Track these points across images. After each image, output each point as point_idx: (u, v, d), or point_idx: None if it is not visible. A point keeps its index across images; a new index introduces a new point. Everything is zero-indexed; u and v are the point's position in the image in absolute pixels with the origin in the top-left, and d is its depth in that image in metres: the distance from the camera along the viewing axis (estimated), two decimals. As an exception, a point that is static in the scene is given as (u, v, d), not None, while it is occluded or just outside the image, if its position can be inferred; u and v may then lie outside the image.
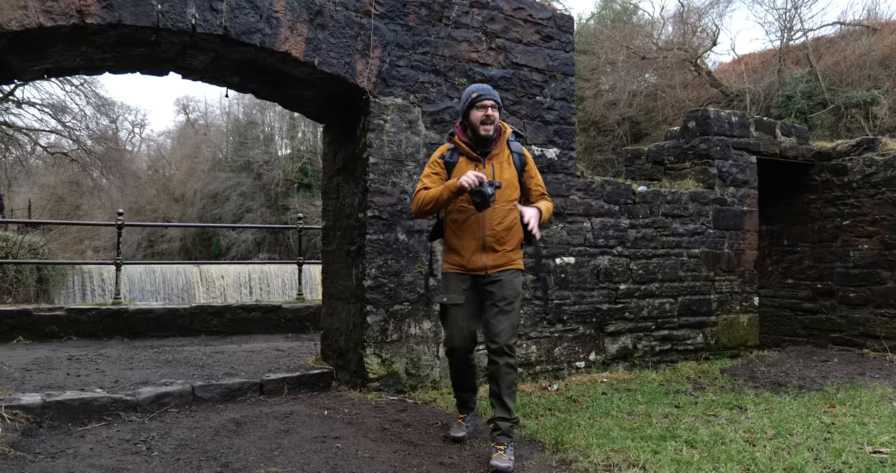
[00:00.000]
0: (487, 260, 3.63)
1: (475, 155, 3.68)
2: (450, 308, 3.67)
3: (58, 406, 3.98)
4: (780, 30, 21.33)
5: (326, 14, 4.70)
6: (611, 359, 5.95)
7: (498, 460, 3.29)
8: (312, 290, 14.09)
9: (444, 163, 3.73)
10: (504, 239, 3.65)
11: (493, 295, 3.61)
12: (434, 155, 3.82)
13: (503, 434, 3.45)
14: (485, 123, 3.62)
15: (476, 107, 3.64)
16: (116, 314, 7.14)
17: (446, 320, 3.72)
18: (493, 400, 3.57)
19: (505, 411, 3.51)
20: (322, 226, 5.77)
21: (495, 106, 3.65)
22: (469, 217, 3.61)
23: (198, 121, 44.99)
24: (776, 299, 8.22)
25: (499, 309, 3.58)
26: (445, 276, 3.73)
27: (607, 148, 23.16)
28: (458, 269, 3.67)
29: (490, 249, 3.63)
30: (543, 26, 5.66)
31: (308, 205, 28.29)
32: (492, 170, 3.68)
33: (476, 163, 3.68)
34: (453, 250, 3.69)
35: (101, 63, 4.71)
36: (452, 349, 3.72)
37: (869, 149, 7.41)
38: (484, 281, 3.63)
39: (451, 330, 3.69)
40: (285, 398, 4.68)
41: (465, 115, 3.72)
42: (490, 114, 3.62)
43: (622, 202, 6.12)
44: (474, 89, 3.70)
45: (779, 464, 3.35)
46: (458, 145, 3.73)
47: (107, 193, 28.67)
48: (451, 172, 3.69)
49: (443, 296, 3.71)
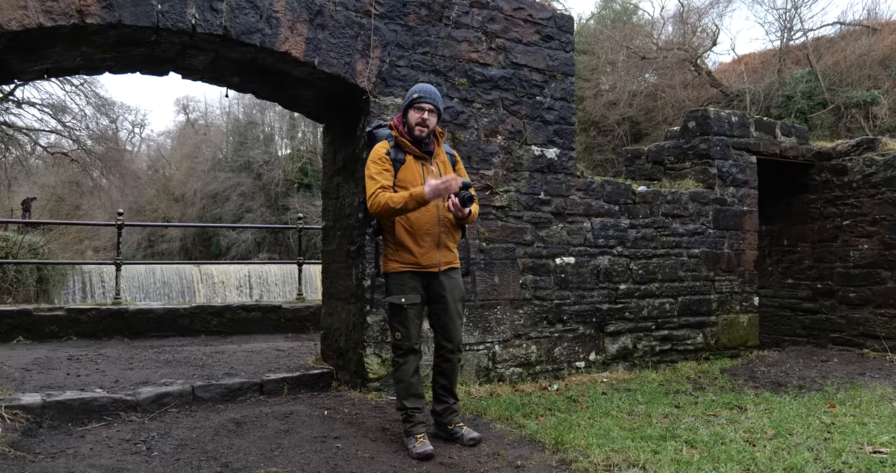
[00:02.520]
0: (441, 258, 3.68)
1: (421, 154, 3.73)
2: (407, 308, 3.63)
3: (58, 406, 3.98)
4: (780, 30, 21.34)
5: (326, 14, 4.70)
6: (611, 359, 5.95)
7: (469, 433, 3.72)
8: (312, 290, 14.09)
9: (390, 160, 3.69)
10: (454, 237, 3.77)
11: (445, 295, 3.70)
12: (377, 151, 3.73)
13: (457, 414, 3.86)
14: (420, 125, 3.68)
15: (415, 107, 3.70)
16: (116, 314, 7.14)
17: (402, 321, 3.65)
18: (443, 392, 3.80)
19: (456, 398, 3.86)
20: (322, 226, 5.77)
21: (433, 111, 3.70)
22: (424, 214, 3.62)
23: (198, 121, 45.01)
24: (776, 299, 8.22)
25: (452, 309, 3.71)
26: (396, 275, 3.68)
27: (607, 148, 23.15)
28: (412, 267, 3.65)
29: (444, 246, 3.70)
30: (543, 26, 5.66)
31: (308, 205, 28.29)
32: (438, 170, 3.76)
33: (423, 163, 3.74)
34: (404, 248, 3.65)
35: (101, 63, 4.71)
36: (411, 350, 3.68)
37: (869, 149, 7.41)
38: (433, 280, 3.68)
39: (409, 331, 3.65)
40: (285, 398, 4.68)
41: (404, 112, 3.77)
42: (426, 118, 3.68)
43: (622, 202, 6.12)
44: (417, 90, 3.74)
45: (779, 464, 3.34)
46: (404, 144, 3.72)
47: (107, 193, 28.68)
48: (397, 170, 3.67)
49: (399, 297, 3.63)
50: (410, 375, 3.70)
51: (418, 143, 3.73)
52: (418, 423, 3.66)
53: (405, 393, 3.70)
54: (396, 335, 3.69)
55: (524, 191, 5.47)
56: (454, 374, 3.82)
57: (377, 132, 3.89)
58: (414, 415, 3.66)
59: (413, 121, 3.70)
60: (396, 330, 3.68)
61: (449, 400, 3.81)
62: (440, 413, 3.82)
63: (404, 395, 3.70)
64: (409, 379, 3.70)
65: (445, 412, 3.81)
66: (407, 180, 3.66)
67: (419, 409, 3.70)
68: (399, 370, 3.72)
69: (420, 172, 3.71)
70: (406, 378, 3.70)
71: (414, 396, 3.70)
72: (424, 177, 3.68)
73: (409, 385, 3.70)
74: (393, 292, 3.68)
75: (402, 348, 3.69)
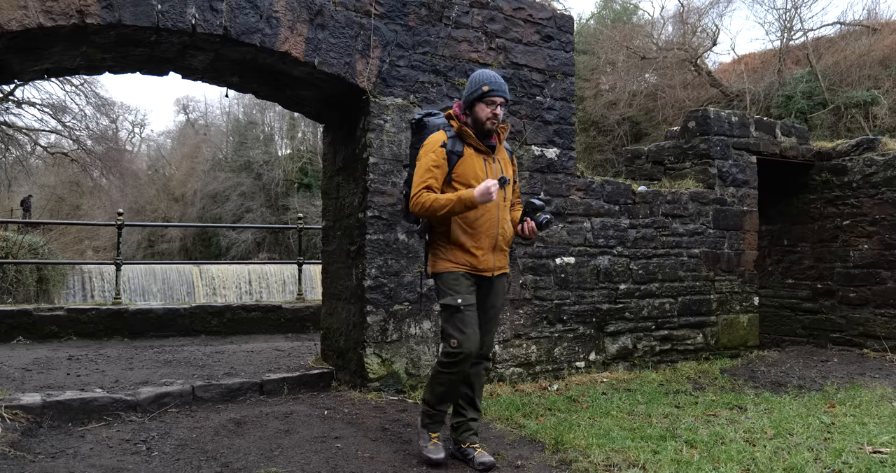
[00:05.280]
0: (496, 262, 3.42)
1: (484, 148, 3.40)
2: (464, 309, 3.28)
3: (58, 406, 3.98)
4: (780, 30, 21.37)
5: (326, 14, 4.70)
6: (611, 359, 5.95)
7: (482, 456, 3.33)
8: (312, 290, 14.08)
9: (445, 153, 3.33)
10: (509, 240, 3.49)
11: (487, 300, 3.44)
12: (434, 140, 3.36)
13: (475, 433, 3.46)
14: (492, 120, 3.36)
15: (485, 101, 3.34)
16: (116, 314, 7.14)
17: (459, 323, 3.26)
18: (464, 403, 3.45)
19: (478, 412, 3.51)
20: (322, 226, 5.77)
21: (504, 104, 3.39)
22: (484, 213, 3.34)
23: (198, 121, 45.04)
24: (776, 299, 8.22)
25: (490, 316, 3.46)
26: (450, 275, 3.34)
27: (607, 148, 23.15)
28: (468, 269, 3.34)
29: (500, 249, 3.43)
30: (543, 26, 5.66)
31: (308, 205, 28.29)
32: (500, 168, 3.45)
33: (485, 157, 3.40)
34: (462, 248, 3.33)
35: (101, 63, 4.71)
36: (465, 355, 3.25)
37: (869, 149, 7.41)
38: (483, 284, 3.41)
39: (465, 334, 3.25)
40: (285, 398, 4.68)
41: (469, 105, 3.39)
42: (498, 114, 3.36)
43: (622, 202, 6.12)
44: (485, 81, 3.35)
45: (779, 464, 3.34)
46: (465, 132, 3.36)
47: (107, 193, 28.71)
48: (454, 163, 3.32)
49: (455, 297, 3.28)
50: (455, 385, 3.36)
51: (482, 137, 3.40)
52: (438, 422, 3.43)
53: (441, 398, 3.39)
54: (452, 342, 3.25)
55: (524, 190, 5.46)
56: (480, 384, 3.50)
57: (429, 121, 3.50)
58: (438, 414, 3.42)
59: (483, 116, 3.34)
60: (451, 337, 3.25)
61: (468, 413, 3.45)
62: (455, 427, 3.48)
63: (440, 399, 3.39)
64: (452, 388, 3.36)
65: (461, 427, 3.45)
66: (466, 175, 3.33)
67: (445, 412, 3.46)
68: (445, 376, 3.32)
69: (483, 168, 3.38)
70: (451, 386, 3.35)
71: (446, 402, 3.44)
72: (487, 174, 3.37)
73: (448, 392, 3.38)
74: (447, 293, 3.32)
75: (455, 356, 3.25)
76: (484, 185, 3.16)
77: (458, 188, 3.31)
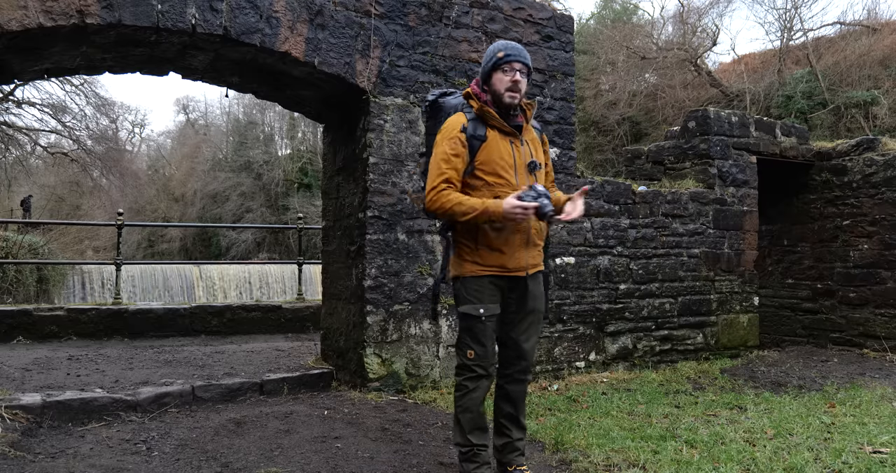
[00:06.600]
0: (529, 259, 2.99)
1: (509, 129, 2.97)
2: (485, 320, 2.92)
3: (58, 406, 3.98)
4: (780, 30, 21.38)
5: (326, 14, 4.70)
6: (611, 359, 5.95)
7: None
8: (312, 290, 14.08)
9: (466, 138, 2.91)
10: (543, 233, 3.08)
11: (525, 305, 3.01)
12: (452, 124, 2.94)
13: (521, 453, 3.10)
14: (511, 90, 2.91)
15: (502, 69, 2.91)
16: (116, 314, 7.14)
17: (479, 335, 2.92)
18: (507, 423, 3.07)
19: (523, 430, 3.13)
20: (322, 226, 5.78)
21: (524, 70, 2.94)
22: None
23: (198, 121, 45.05)
24: (776, 299, 8.22)
25: (530, 322, 3.04)
26: (474, 280, 2.94)
27: (607, 148, 23.15)
28: (495, 270, 2.93)
29: (533, 245, 3.00)
30: (543, 26, 5.66)
31: (308, 205, 28.30)
32: (529, 151, 3.02)
33: (511, 140, 2.97)
34: (487, 247, 2.92)
35: (101, 63, 4.71)
36: (485, 372, 2.94)
37: (869, 149, 7.41)
38: (518, 284, 2.99)
39: (486, 349, 2.92)
40: (285, 398, 4.68)
41: (485, 78, 2.98)
42: (518, 80, 2.91)
43: (622, 202, 6.12)
44: (501, 47, 2.96)
45: (779, 464, 3.34)
46: (487, 113, 2.92)
47: (107, 193, 28.72)
48: (476, 149, 2.91)
49: (477, 306, 2.91)
50: (479, 404, 2.98)
51: (506, 115, 2.96)
52: (483, 464, 2.98)
53: (471, 426, 2.97)
54: (469, 354, 2.93)
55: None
56: (523, 400, 3.09)
57: (444, 101, 3.09)
58: (479, 454, 2.98)
59: (501, 86, 2.90)
60: (469, 348, 2.93)
61: (513, 433, 3.06)
62: (500, 449, 3.08)
63: (469, 429, 2.97)
64: (477, 409, 2.98)
65: (506, 448, 3.06)
66: (492, 162, 2.92)
67: (485, 446, 3.01)
68: (466, 396, 2.96)
69: (510, 152, 2.95)
70: (474, 407, 2.97)
71: (479, 429, 3.01)
72: (515, 160, 2.95)
73: (478, 416, 2.99)
74: (468, 300, 2.94)
75: (474, 371, 2.94)
76: (516, 203, 2.75)
77: (481, 178, 2.93)
